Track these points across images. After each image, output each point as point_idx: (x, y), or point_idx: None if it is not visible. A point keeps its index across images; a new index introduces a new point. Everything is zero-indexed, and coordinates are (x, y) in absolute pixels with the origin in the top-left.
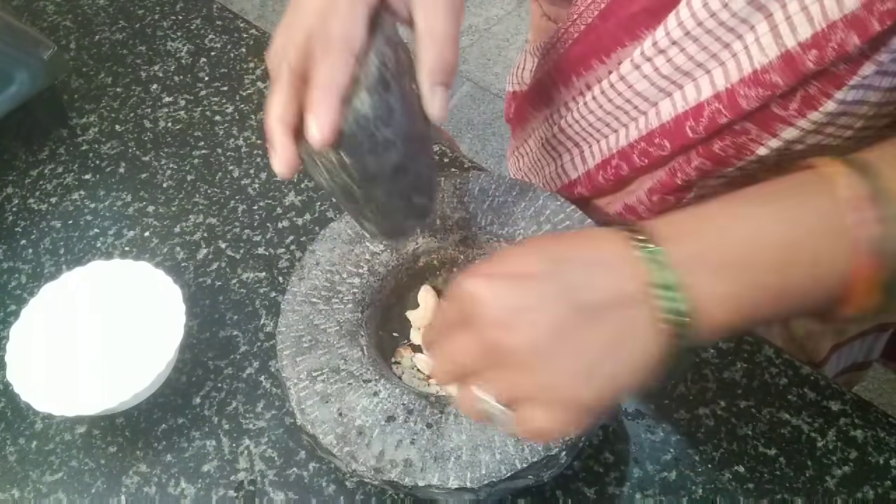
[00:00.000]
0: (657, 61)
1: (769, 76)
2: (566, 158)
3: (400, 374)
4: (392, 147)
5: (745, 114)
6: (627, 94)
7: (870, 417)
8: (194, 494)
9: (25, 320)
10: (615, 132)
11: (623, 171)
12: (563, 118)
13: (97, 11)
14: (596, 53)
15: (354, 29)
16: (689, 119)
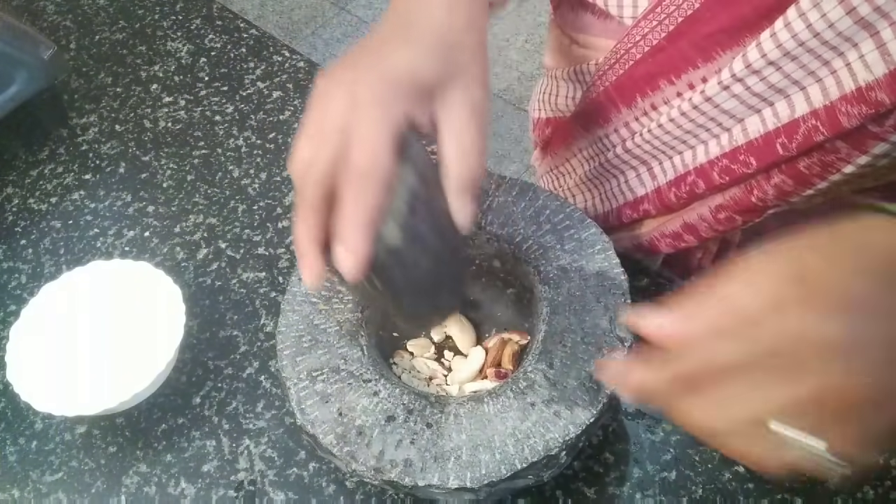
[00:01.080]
0: (749, 81)
1: (874, 94)
2: (631, 175)
3: (399, 375)
4: (422, 267)
5: (844, 132)
6: (712, 113)
7: None
8: (194, 494)
9: (25, 320)
10: (692, 149)
11: (699, 188)
12: (631, 137)
13: (97, 11)
14: (665, 74)
15: (381, 157)
16: (782, 136)
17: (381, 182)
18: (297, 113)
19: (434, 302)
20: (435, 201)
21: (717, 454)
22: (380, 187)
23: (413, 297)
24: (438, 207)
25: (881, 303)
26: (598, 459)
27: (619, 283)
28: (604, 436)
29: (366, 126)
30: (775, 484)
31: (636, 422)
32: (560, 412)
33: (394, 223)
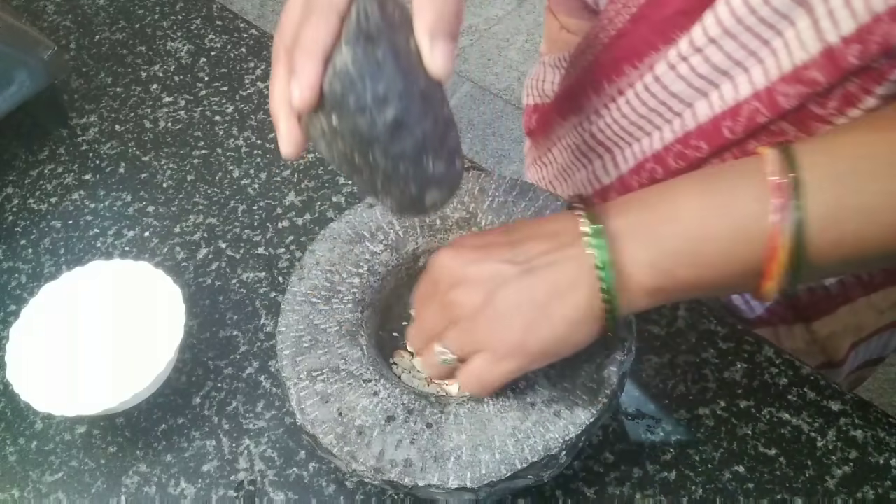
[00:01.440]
0: (693, 60)
1: (810, 73)
2: (598, 164)
3: (399, 375)
4: (385, 104)
5: (784, 113)
6: (662, 96)
7: (870, 417)
8: (194, 494)
9: (25, 320)
10: (648, 135)
11: (658, 174)
12: (595, 124)
13: (97, 11)
14: (628, 59)
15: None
16: (727, 119)
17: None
18: None
19: (417, 163)
20: (402, 41)
21: (717, 454)
22: (335, 15)
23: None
24: (407, 48)
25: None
26: (598, 459)
27: None
28: (604, 436)
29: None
30: (775, 484)
31: (636, 422)
32: (560, 412)
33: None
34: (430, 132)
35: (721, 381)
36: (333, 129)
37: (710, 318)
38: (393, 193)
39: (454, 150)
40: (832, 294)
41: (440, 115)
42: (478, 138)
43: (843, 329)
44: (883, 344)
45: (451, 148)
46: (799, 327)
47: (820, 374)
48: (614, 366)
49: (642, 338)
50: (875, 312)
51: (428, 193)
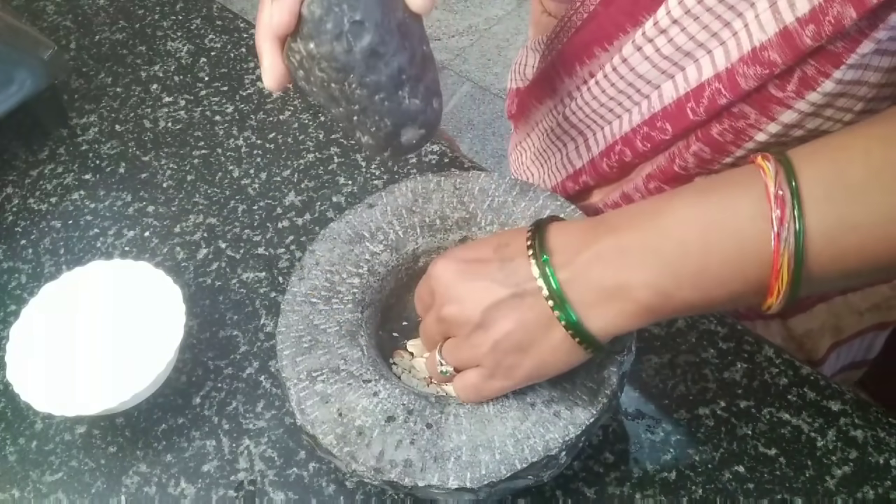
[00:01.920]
0: (658, 42)
1: (767, 54)
2: (571, 147)
3: (398, 375)
4: (361, 31)
5: (744, 94)
6: (630, 78)
7: (870, 417)
8: (194, 494)
9: (25, 320)
10: (619, 118)
11: (626, 156)
12: (567, 107)
13: (97, 11)
14: (598, 41)
15: None
16: (691, 100)
17: None
18: (297, 113)
19: (393, 96)
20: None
21: (717, 454)
22: None
23: (361, 76)
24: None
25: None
26: (598, 459)
27: None
28: (604, 436)
29: None
30: (775, 484)
31: (636, 422)
32: (560, 412)
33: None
34: (407, 66)
35: (721, 381)
36: (312, 55)
37: (710, 318)
38: (369, 128)
39: (432, 89)
40: None
41: (418, 51)
42: (478, 138)
43: (821, 327)
44: (866, 346)
45: (428, 86)
46: (776, 323)
47: (819, 374)
48: (614, 366)
49: (642, 338)
50: (855, 314)
51: (403, 130)
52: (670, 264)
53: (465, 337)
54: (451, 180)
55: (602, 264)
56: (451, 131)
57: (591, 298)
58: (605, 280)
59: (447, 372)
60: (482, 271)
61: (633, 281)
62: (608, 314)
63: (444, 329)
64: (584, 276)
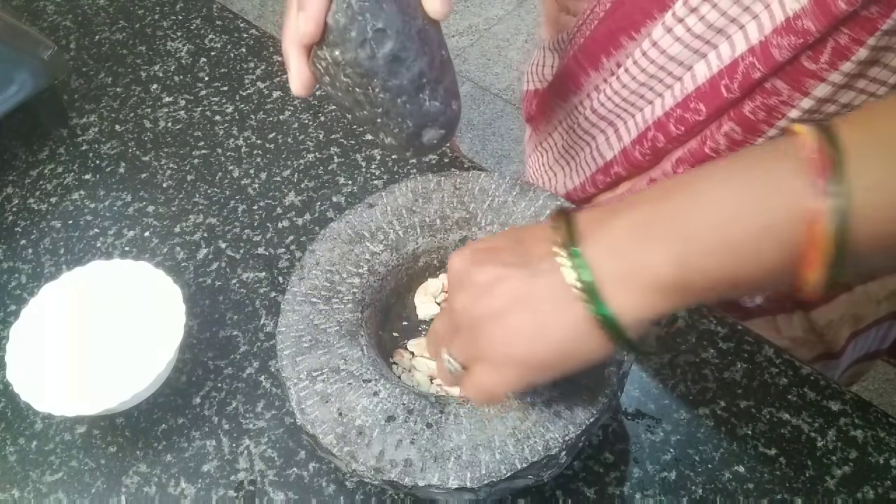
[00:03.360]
0: (689, 21)
1: (801, 22)
2: (601, 140)
3: (399, 375)
4: (384, 38)
5: (778, 66)
6: (661, 61)
7: (870, 417)
8: (194, 494)
9: (25, 320)
10: (650, 103)
11: (660, 142)
12: (595, 100)
13: (97, 11)
14: (625, 30)
15: None
16: (724, 77)
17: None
18: (297, 113)
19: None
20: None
21: (717, 454)
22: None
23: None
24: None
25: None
26: (598, 459)
27: None
28: (604, 436)
29: None
30: (775, 484)
31: (636, 422)
32: (560, 412)
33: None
34: (427, 70)
35: (721, 381)
36: (337, 62)
37: (710, 318)
38: (392, 130)
39: (451, 91)
40: None
41: (437, 56)
42: (478, 138)
43: (841, 318)
44: (882, 335)
45: (447, 88)
46: (798, 315)
47: (820, 375)
48: (614, 366)
49: None
50: (873, 302)
51: (425, 131)
52: (695, 235)
53: (473, 325)
54: (451, 180)
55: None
56: None
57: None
58: (631, 258)
59: (455, 370)
60: (494, 258)
61: (658, 256)
62: (634, 296)
63: (453, 321)
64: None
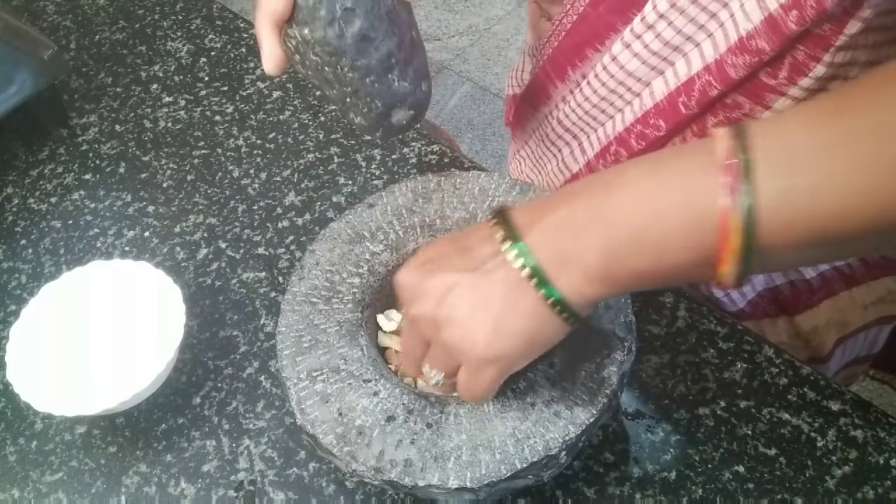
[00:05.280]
0: (646, 38)
1: (755, 42)
2: (566, 152)
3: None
4: (352, 17)
5: (735, 84)
6: (620, 76)
7: (870, 417)
8: (194, 494)
9: (25, 320)
10: (611, 118)
11: (622, 157)
12: (561, 111)
13: (97, 11)
14: (590, 42)
15: None
16: (682, 95)
17: None
18: (297, 113)
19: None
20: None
21: (717, 454)
22: None
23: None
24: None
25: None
26: (598, 459)
27: None
28: (604, 436)
29: None
30: (775, 484)
31: (636, 422)
32: (560, 412)
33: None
34: (396, 50)
35: (721, 381)
36: (306, 40)
37: (710, 318)
38: (361, 109)
39: (421, 73)
40: (814, 287)
41: (406, 36)
42: (478, 138)
43: (827, 323)
44: (870, 341)
45: (417, 69)
46: (783, 321)
47: (819, 374)
48: (614, 366)
49: (642, 338)
50: (859, 308)
51: (394, 111)
52: (618, 228)
53: (438, 333)
54: (451, 180)
55: (560, 231)
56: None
57: (556, 264)
58: (565, 246)
59: (441, 380)
60: (441, 265)
61: (586, 246)
62: (574, 280)
63: (419, 335)
64: (547, 243)
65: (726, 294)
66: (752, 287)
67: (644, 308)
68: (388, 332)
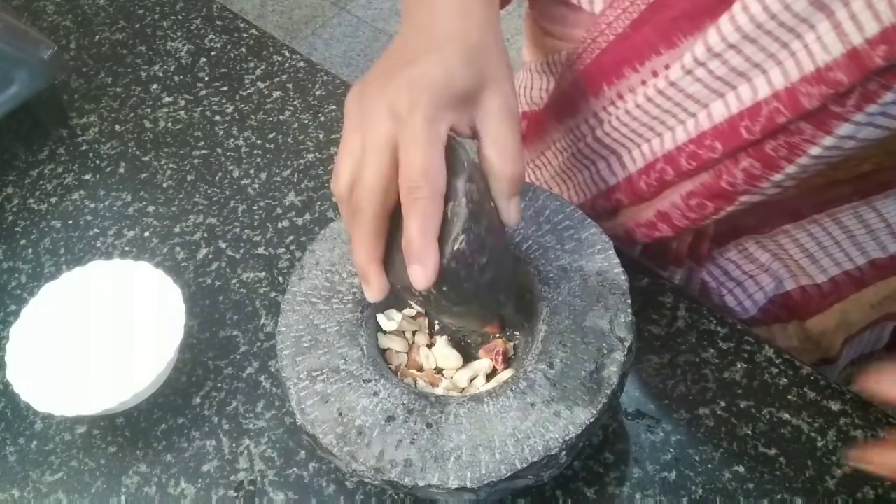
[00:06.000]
0: (711, 65)
1: (833, 74)
2: (602, 165)
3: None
4: (486, 270)
5: (805, 113)
6: (678, 98)
7: (870, 417)
8: (194, 494)
9: (25, 320)
10: (659, 136)
11: (668, 175)
12: (598, 127)
13: (97, 11)
14: (629, 62)
15: (435, 170)
16: (745, 119)
17: (439, 195)
18: (297, 113)
19: (496, 300)
20: (488, 206)
21: (717, 454)
22: (439, 200)
23: (478, 298)
24: (491, 211)
25: None
26: (598, 459)
27: (619, 283)
28: (604, 436)
29: (415, 140)
30: (775, 484)
31: (636, 422)
32: (560, 412)
33: (461, 233)
34: (507, 276)
35: (721, 381)
36: (441, 293)
37: (710, 318)
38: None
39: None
40: (825, 293)
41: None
42: None
43: (836, 326)
44: (875, 338)
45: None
46: (793, 325)
47: (820, 374)
48: (614, 366)
49: (642, 338)
50: (866, 307)
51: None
52: None
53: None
54: None
55: None
56: None
57: None
58: None
59: None
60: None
61: None
62: None
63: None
64: None
65: (739, 303)
66: (763, 294)
67: (644, 308)
68: (389, 332)
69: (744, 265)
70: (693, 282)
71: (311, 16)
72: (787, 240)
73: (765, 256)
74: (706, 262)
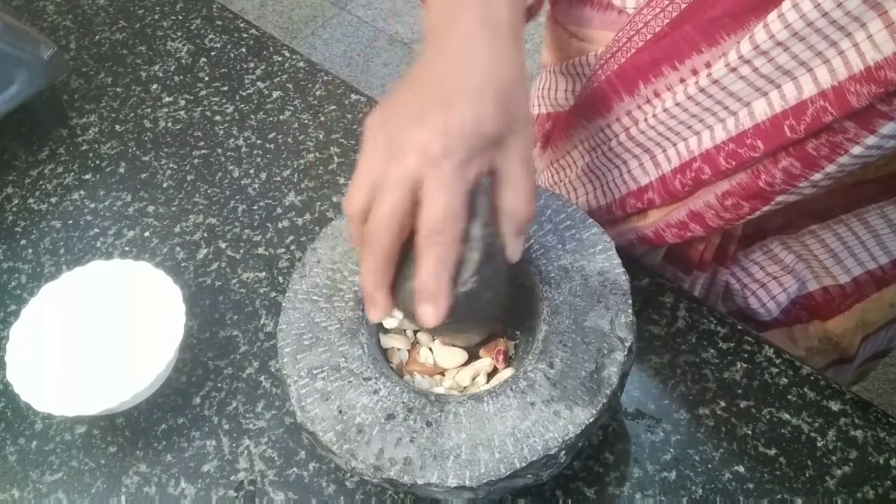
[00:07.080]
0: (757, 62)
1: (884, 73)
2: (633, 164)
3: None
4: (490, 303)
5: (853, 112)
6: (719, 96)
7: (870, 417)
8: (194, 494)
9: (25, 320)
10: (697, 134)
11: (704, 174)
12: (634, 125)
13: (97, 11)
14: (668, 59)
15: (458, 215)
16: (790, 118)
17: (458, 241)
18: (297, 113)
19: (494, 317)
20: (496, 243)
21: (717, 454)
22: (457, 244)
23: (476, 324)
24: (499, 247)
25: None
26: (598, 459)
27: (620, 283)
28: (604, 436)
29: (443, 186)
30: (775, 484)
31: (636, 422)
32: (560, 412)
33: (474, 276)
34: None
35: (721, 381)
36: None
37: (710, 318)
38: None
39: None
40: (847, 293)
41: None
42: None
43: (856, 325)
44: (890, 336)
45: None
46: (814, 325)
47: (820, 375)
48: (614, 366)
49: (642, 338)
50: (885, 306)
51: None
52: None
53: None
54: None
55: None
56: None
57: None
58: None
59: None
60: None
61: None
62: None
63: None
64: None
65: (763, 304)
66: (786, 295)
67: (644, 308)
68: (390, 330)
69: (768, 266)
70: (717, 284)
71: (311, 16)
72: (812, 240)
73: (789, 257)
74: (730, 264)
